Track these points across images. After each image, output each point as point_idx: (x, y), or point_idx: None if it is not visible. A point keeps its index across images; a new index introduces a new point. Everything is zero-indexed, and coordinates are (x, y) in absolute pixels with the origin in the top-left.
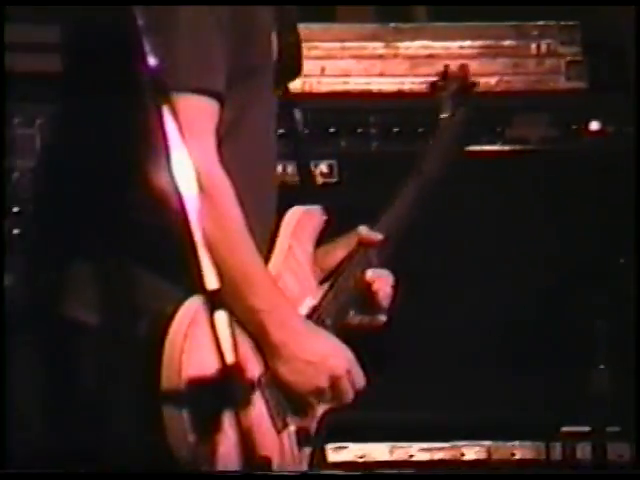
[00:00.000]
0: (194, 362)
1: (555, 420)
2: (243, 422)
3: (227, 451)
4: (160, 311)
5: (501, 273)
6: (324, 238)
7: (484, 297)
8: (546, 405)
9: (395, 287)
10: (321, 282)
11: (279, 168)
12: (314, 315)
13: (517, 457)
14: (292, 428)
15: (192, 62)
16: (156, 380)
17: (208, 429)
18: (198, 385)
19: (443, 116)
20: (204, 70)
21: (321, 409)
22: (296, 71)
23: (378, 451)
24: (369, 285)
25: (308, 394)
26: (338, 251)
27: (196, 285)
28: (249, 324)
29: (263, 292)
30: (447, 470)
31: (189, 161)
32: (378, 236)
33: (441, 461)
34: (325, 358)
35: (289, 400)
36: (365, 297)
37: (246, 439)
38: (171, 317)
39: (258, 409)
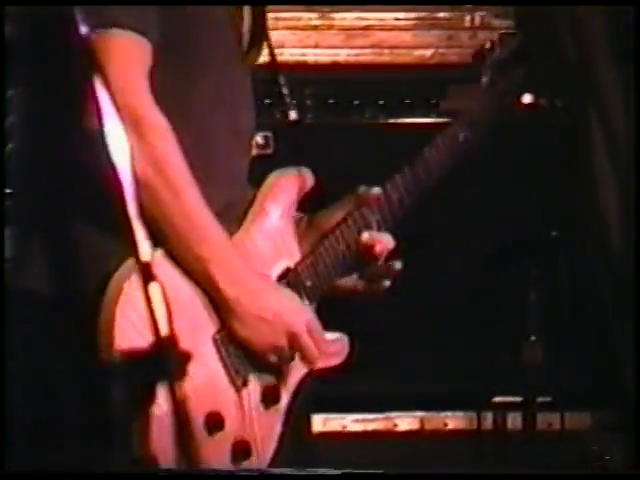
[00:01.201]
0: (127, 332)
1: (487, 390)
2: (178, 394)
3: (160, 421)
4: (99, 273)
5: (436, 243)
6: (314, 200)
7: (418, 267)
8: (478, 376)
9: (394, 252)
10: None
11: None
12: (289, 276)
13: (449, 427)
14: (254, 386)
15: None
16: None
17: (141, 401)
18: (131, 357)
19: (483, 82)
20: (131, 9)
21: (294, 371)
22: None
23: (312, 422)
24: (365, 248)
25: (266, 352)
26: (337, 213)
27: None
28: (199, 276)
29: (212, 241)
30: (383, 440)
31: (118, 118)
32: (373, 193)
33: (374, 432)
34: (280, 315)
35: (248, 357)
36: (362, 260)
37: (180, 411)
38: (107, 282)
39: (214, 366)
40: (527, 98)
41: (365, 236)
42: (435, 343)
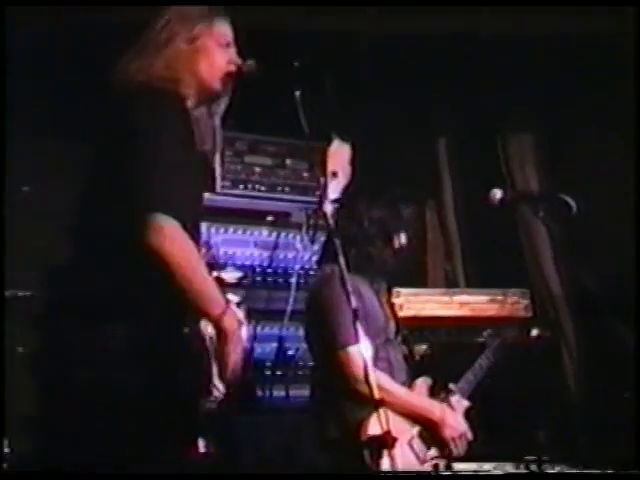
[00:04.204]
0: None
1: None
2: (392, 453)
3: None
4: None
5: None
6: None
7: None
8: None
9: (469, 409)
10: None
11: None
12: None
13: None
14: (430, 463)
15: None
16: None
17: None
18: (374, 439)
19: (487, 351)
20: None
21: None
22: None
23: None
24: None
25: (448, 443)
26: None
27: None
28: (407, 413)
29: (428, 404)
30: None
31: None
32: (453, 388)
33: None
34: (460, 427)
35: (432, 446)
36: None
37: (394, 461)
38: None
39: (409, 454)
40: (535, 332)
41: (452, 400)
42: None
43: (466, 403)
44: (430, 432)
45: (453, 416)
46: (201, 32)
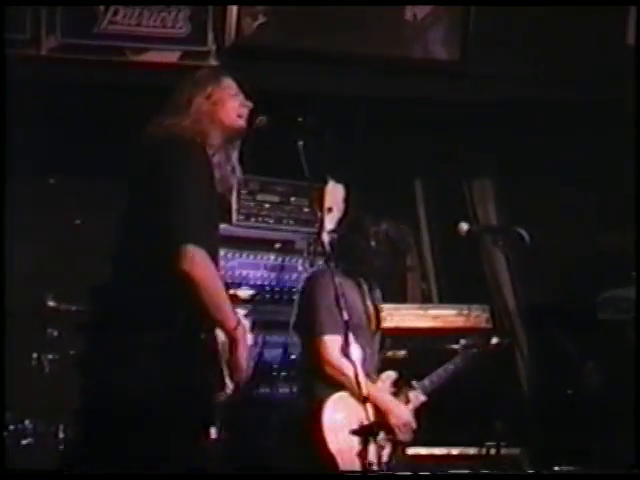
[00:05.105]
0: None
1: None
2: (376, 444)
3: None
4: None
5: None
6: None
7: None
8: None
9: (424, 403)
10: None
11: None
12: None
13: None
14: (384, 448)
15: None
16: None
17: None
18: (360, 431)
19: (457, 358)
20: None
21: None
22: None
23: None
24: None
25: (393, 429)
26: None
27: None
28: (375, 402)
29: (378, 394)
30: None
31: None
32: (416, 385)
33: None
34: (404, 416)
35: (387, 433)
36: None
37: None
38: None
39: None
40: (494, 340)
41: (411, 395)
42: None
43: (422, 398)
44: (380, 419)
45: (398, 407)
46: (213, 89)
